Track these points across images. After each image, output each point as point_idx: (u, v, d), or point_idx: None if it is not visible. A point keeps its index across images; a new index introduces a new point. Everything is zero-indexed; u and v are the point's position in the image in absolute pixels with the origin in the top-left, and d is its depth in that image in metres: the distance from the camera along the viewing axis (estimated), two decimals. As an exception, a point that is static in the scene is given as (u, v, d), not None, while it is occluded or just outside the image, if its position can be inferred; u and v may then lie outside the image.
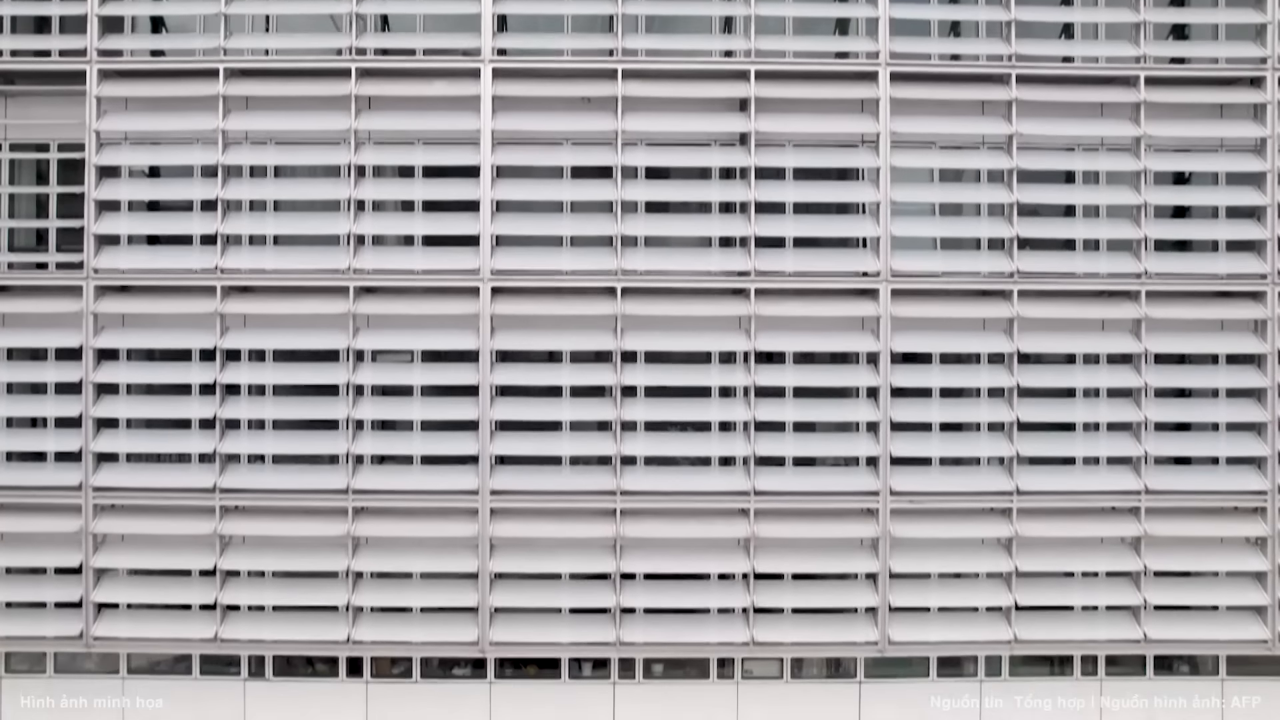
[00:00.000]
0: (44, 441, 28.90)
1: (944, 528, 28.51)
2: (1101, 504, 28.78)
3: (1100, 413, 29.06)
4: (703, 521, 28.58)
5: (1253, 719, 30.20)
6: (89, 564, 28.06)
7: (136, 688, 29.71)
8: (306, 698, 29.81)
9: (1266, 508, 28.55)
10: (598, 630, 28.50)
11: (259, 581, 29.01)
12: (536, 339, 28.50)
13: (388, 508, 28.50)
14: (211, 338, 28.12)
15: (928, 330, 28.55)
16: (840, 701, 29.98)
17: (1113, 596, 29.00)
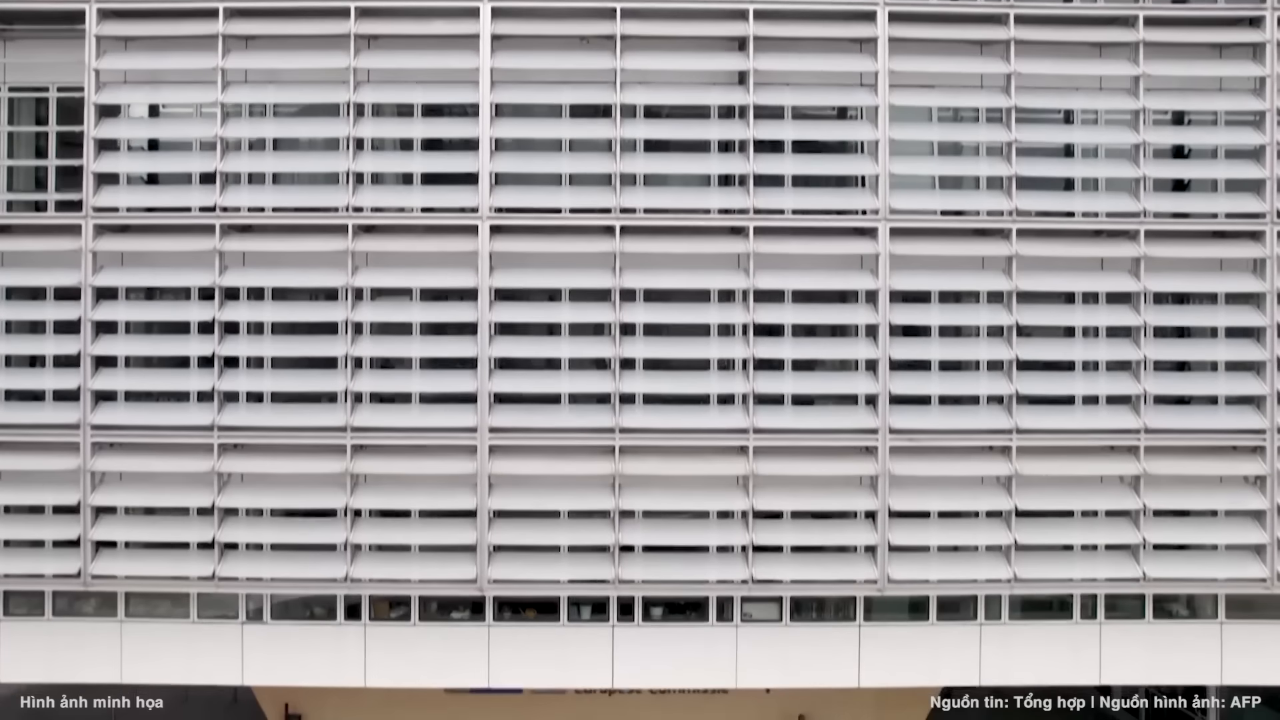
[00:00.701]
0: (42, 380, 28.85)
1: (943, 466, 28.44)
2: (1101, 443, 28.72)
3: (1099, 352, 29.06)
4: (701, 459, 28.54)
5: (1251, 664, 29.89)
6: (87, 502, 27.99)
7: (134, 631, 29.29)
8: (304, 641, 29.74)
9: (1265, 446, 28.44)
10: (596, 568, 28.34)
11: (257, 520, 28.93)
12: (535, 277, 28.46)
13: (386, 445, 28.48)
14: (210, 276, 28.08)
15: (926, 269, 28.57)
16: (840, 644, 29.66)
17: (1112, 536, 28.97)
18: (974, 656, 29.58)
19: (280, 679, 29.67)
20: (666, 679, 29.88)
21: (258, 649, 29.39)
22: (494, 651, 29.26)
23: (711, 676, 29.74)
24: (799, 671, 29.82)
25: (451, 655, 29.53)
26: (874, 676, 29.66)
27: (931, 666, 29.84)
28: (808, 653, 29.63)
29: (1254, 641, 29.83)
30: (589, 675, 29.66)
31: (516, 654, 29.43)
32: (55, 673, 29.62)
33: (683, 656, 29.72)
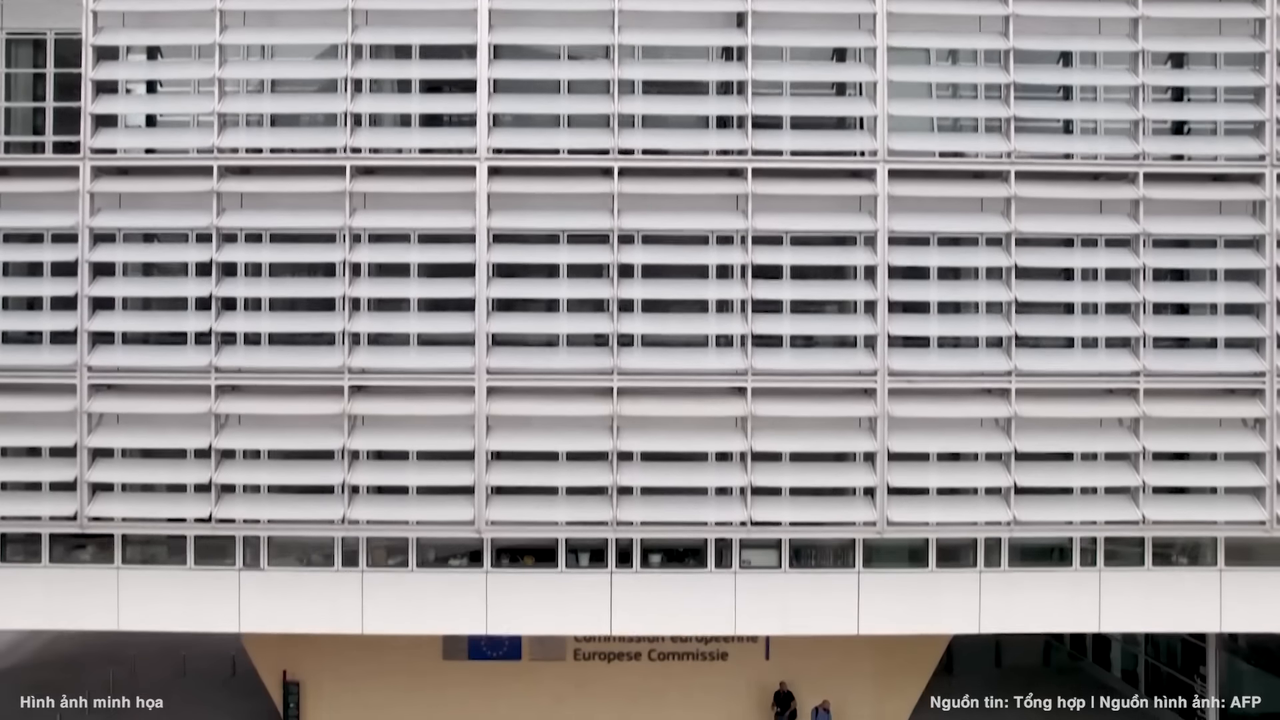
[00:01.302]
0: (39, 322, 28.80)
1: (942, 408, 28.40)
2: (1100, 385, 28.63)
3: (1098, 294, 28.91)
4: (700, 401, 28.47)
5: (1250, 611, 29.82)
6: (84, 444, 27.94)
7: (131, 577, 29.22)
8: (301, 588, 29.68)
9: (1264, 389, 28.33)
10: (594, 510, 28.22)
11: (254, 462, 28.86)
12: (534, 219, 28.32)
13: (384, 387, 28.44)
14: (208, 218, 28.01)
15: (925, 211, 28.46)
16: (839, 591, 29.58)
17: (1112, 478, 28.85)
18: (973, 604, 29.52)
19: (277, 626, 29.57)
20: (664, 626, 29.82)
21: (255, 596, 29.34)
22: (492, 598, 29.19)
23: (710, 623, 29.75)
24: (798, 619, 29.79)
25: (449, 602, 29.46)
26: (873, 624, 29.66)
27: (931, 614, 29.84)
28: (807, 599, 29.56)
29: (1253, 589, 29.83)
30: (587, 622, 29.65)
31: (514, 600, 29.39)
32: (52, 620, 29.61)
33: (681, 603, 29.67)
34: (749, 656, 40.57)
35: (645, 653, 40.20)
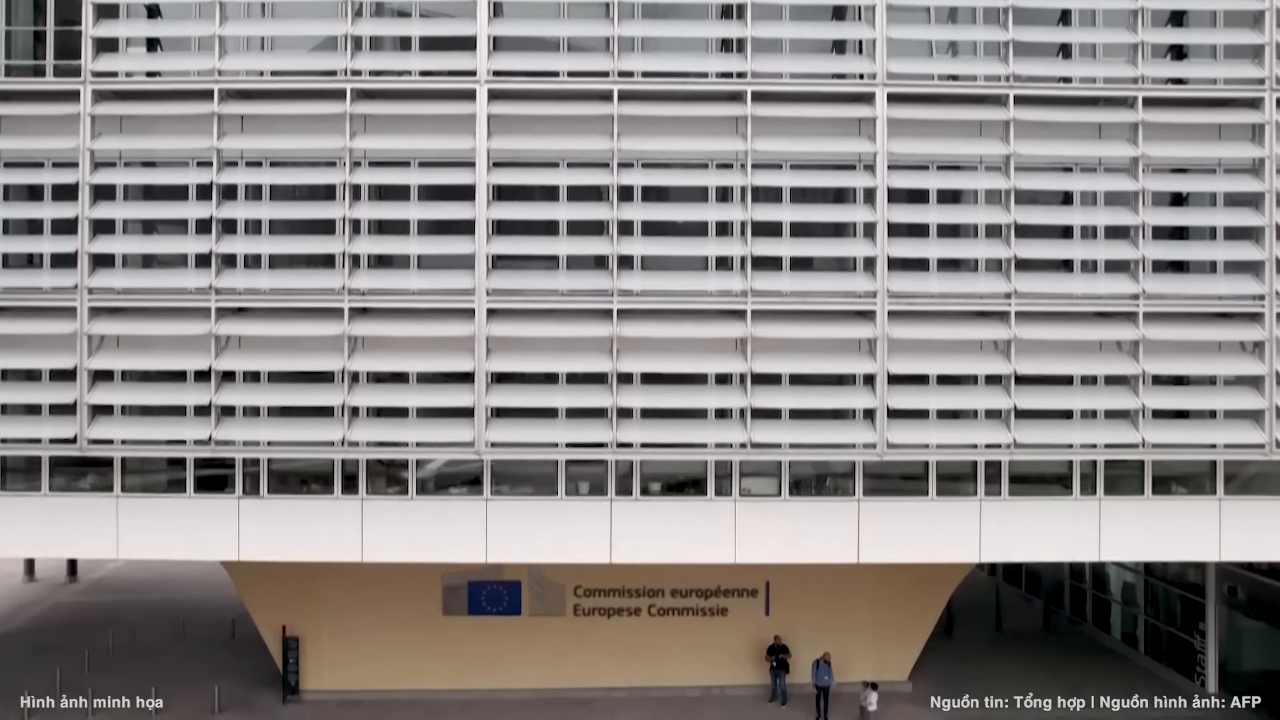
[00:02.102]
0: (40, 245, 28.72)
1: (941, 330, 28.47)
2: (1099, 308, 28.60)
3: (1098, 218, 28.91)
4: (699, 323, 28.49)
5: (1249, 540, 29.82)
6: (84, 366, 27.89)
7: (130, 506, 29.21)
8: (301, 515, 29.70)
9: (1264, 312, 28.29)
10: (594, 432, 28.16)
11: (254, 385, 28.82)
12: (534, 141, 28.38)
13: (384, 309, 28.41)
14: (209, 141, 28.02)
15: (924, 135, 28.45)
16: (839, 519, 29.56)
17: (1111, 402, 28.81)
18: (973, 532, 29.52)
19: (276, 554, 29.56)
20: (665, 554, 29.63)
21: (254, 524, 29.38)
22: (492, 526, 29.21)
23: (710, 551, 29.65)
24: (798, 547, 29.79)
25: (449, 530, 29.50)
26: (873, 552, 29.64)
27: (930, 542, 29.82)
28: (807, 527, 29.62)
29: (1252, 518, 29.87)
30: (587, 550, 29.51)
31: (514, 529, 29.39)
32: (52, 548, 29.69)
33: (681, 532, 29.67)
34: (749, 612, 40.70)
35: (645, 608, 40.32)
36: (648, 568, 39.13)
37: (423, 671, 40.61)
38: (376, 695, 39.97)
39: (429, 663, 40.61)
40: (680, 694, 40.49)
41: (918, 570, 38.66)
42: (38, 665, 42.07)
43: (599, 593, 41.01)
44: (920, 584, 39.82)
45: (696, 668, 41.20)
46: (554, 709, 39.37)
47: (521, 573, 40.35)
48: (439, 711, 38.95)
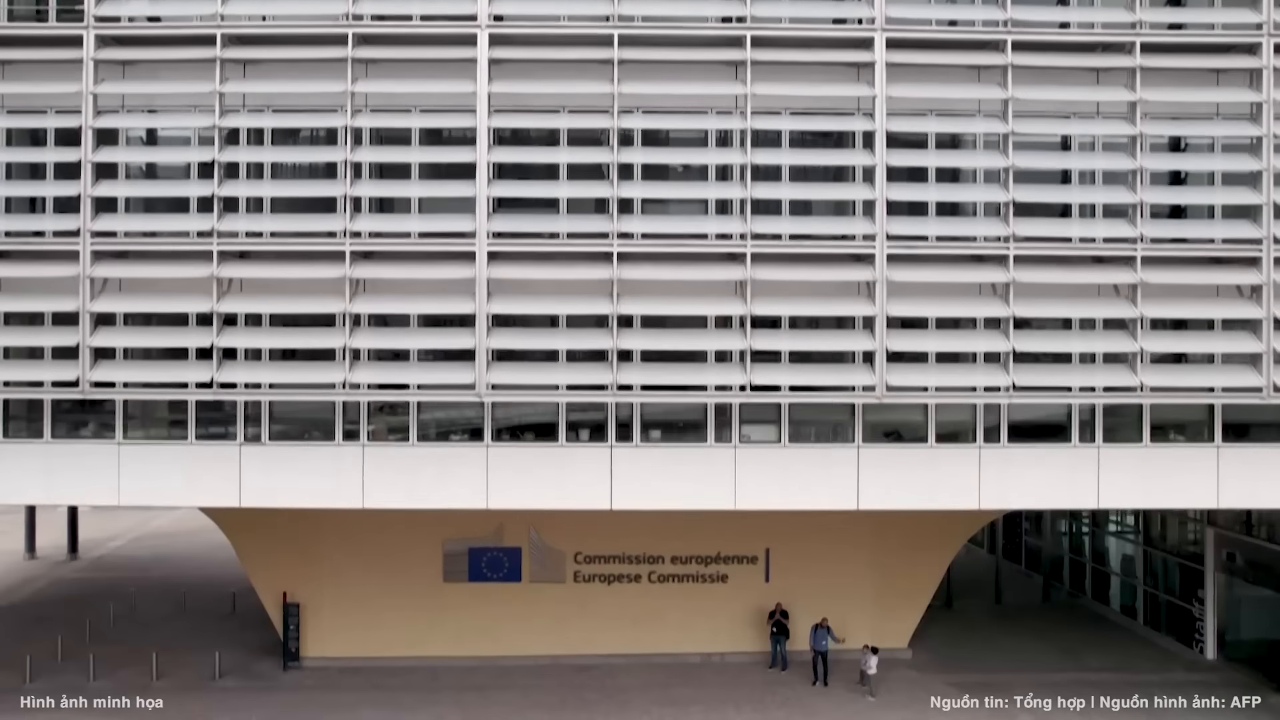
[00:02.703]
0: (43, 189, 28.86)
1: (941, 273, 28.42)
2: (1097, 252, 28.65)
3: (1096, 163, 29.03)
4: (699, 266, 28.50)
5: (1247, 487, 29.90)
6: (86, 309, 27.88)
7: (131, 453, 29.27)
8: (302, 462, 29.74)
9: (1261, 257, 28.30)
10: (595, 374, 28.22)
11: (257, 328, 28.92)
12: (535, 86, 28.46)
13: (386, 251, 28.44)
14: (211, 86, 28.05)
15: (923, 80, 28.66)
16: (839, 466, 29.64)
17: (1109, 345, 28.82)
18: (972, 479, 29.59)
19: (277, 501, 29.59)
20: (665, 500, 29.65)
21: (255, 470, 29.45)
22: (492, 473, 29.26)
23: (710, 497, 29.65)
24: (798, 493, 29.81)
25: (450, 477, 29.57)
26: (872, 498, 29.68)
27: (930, 490, 29.87)
28: (807, 473, 29.67)
29: (1249, 465, 29.96)
30: (587, 496, 29.52)
31: (515, 476, 29.47)
32: (53, 495, 29.66)
33: (681, 478, 29.69)
34: (749, 579, 40.81)
35: (645, 575, 40.42)
36: (648, 534, 39.39)
37: (423, 638, 40.69)
38: (377, 662, 40.06)
39: (429, 630, 40.69)
40: (680, 660, 40.58)
41: (917, 537, 38.88)
42: (39, 635, 42.11)
43: (599, 559, 41.10)
44: (919, 552, 39.96)
45: (696, 634, 41.27)
46: (554, 675, 39.37)
47: (522, 539, 40.45)
48: (438, 678, 39.03)
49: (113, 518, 72.44)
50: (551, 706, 36.71)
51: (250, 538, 40.66)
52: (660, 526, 40.09)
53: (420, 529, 40.00)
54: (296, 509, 37.34)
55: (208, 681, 39.07)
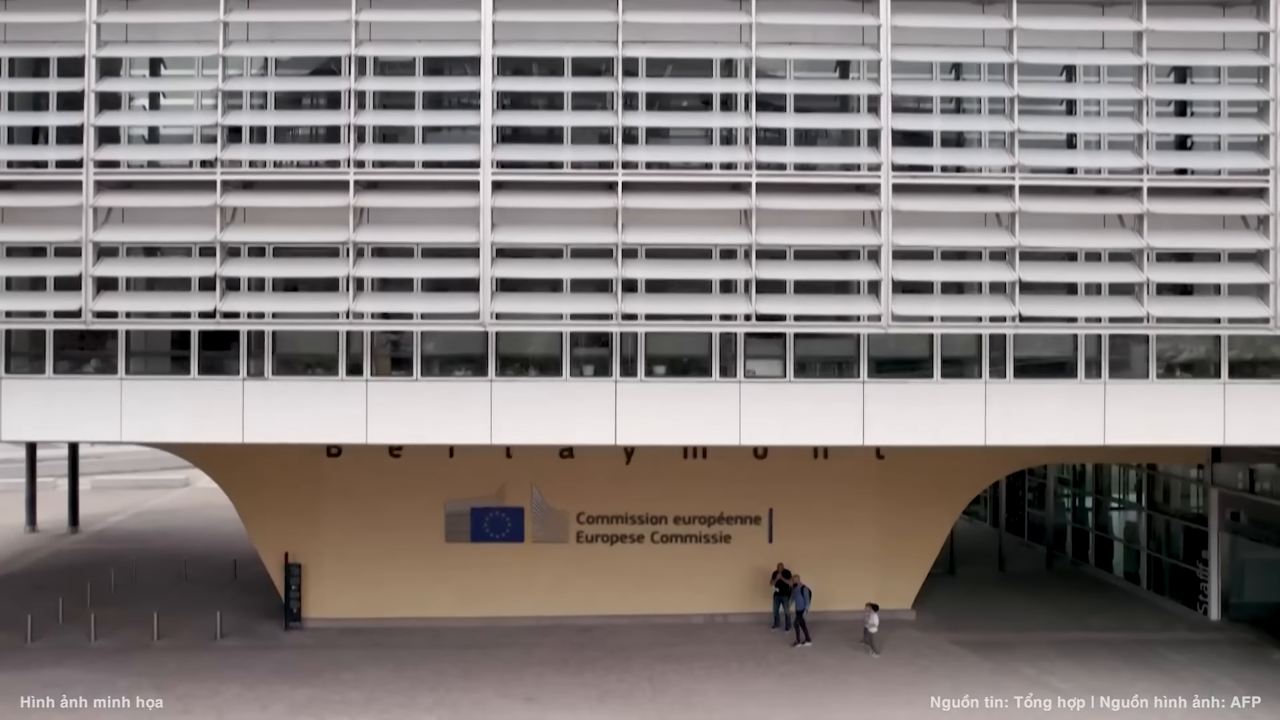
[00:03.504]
0: (46, 119, 28.82)
1: (946, 202, 28.32)
2: (1103, 183, 28.55)
3: (1101, 93, 28.97)
4: (704, 196, 28.43)
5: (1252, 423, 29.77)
6: (89, 239, 27.72)
7: (134, 389, 29.14)
8: (305, 398, 29.63)
9: (1268, 187, 28.17)
10: (599, 303, 28.13)
11: (260, 259, 28.90)
12: (538, 14, 28.38)
13: (390, 181, 28.29)
14: (214, 14, 28.09)
15: (928, 11, 28.60)
16: (843, 401, 29.53)
17: (1116, 275, 28.75)
18: (978, 416, 29.47)
19: (281, 436, 29.41)
20: (669, 436, 29.59)
21: (258, 406, 29.27)
22: (496, 408, 29.11)
23: (714, 433, 29.59)
24: (802, 429, 29.74)
25: (454, 413, 29.44)
26: (877, 434, 29.55)
27: (934, 426, 29.83)
28: (811, 409, 29.54)
29: (1255, 401, 29.84)
30: (591, 432, 29.43)
31: (519, 411, 29.30)
32: (55, 431, 29.43)
33: (685, 414, 29.55)
34: (752, 539, 40.71)
35: (648, 535, 40.40)
36: (651, 494, 39.38)
37: (425, 599, 40.64)
38: (379, 623, 39.97)
39: (432, 590, 40.64)
40: (684, 621, 40.56)
41: (921, 497, 38.82)
42: (39, 601, 41.98)
43: (602, 519, 41.09)
44: (923, 511, 39.93)
45: (699, 595, 41.22)
46: (556, 635, 39.35)
47: (525, 500, 40.44)
48: (440, 638, 38.96)
49: (113, 495, 72.63)
50: (554, 663, 36.64)
51: (252, 498, 40.60)
52: (663, 487, 40.20)
53: (422, 489, 40.01)
54: (299, 470, 37.54)
55: (209, 641, 39.01)
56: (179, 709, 32.63)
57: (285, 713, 32.51)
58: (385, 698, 33.61)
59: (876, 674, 36.22)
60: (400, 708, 32.79)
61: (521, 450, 39.93)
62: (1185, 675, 36.06)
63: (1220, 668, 36.78)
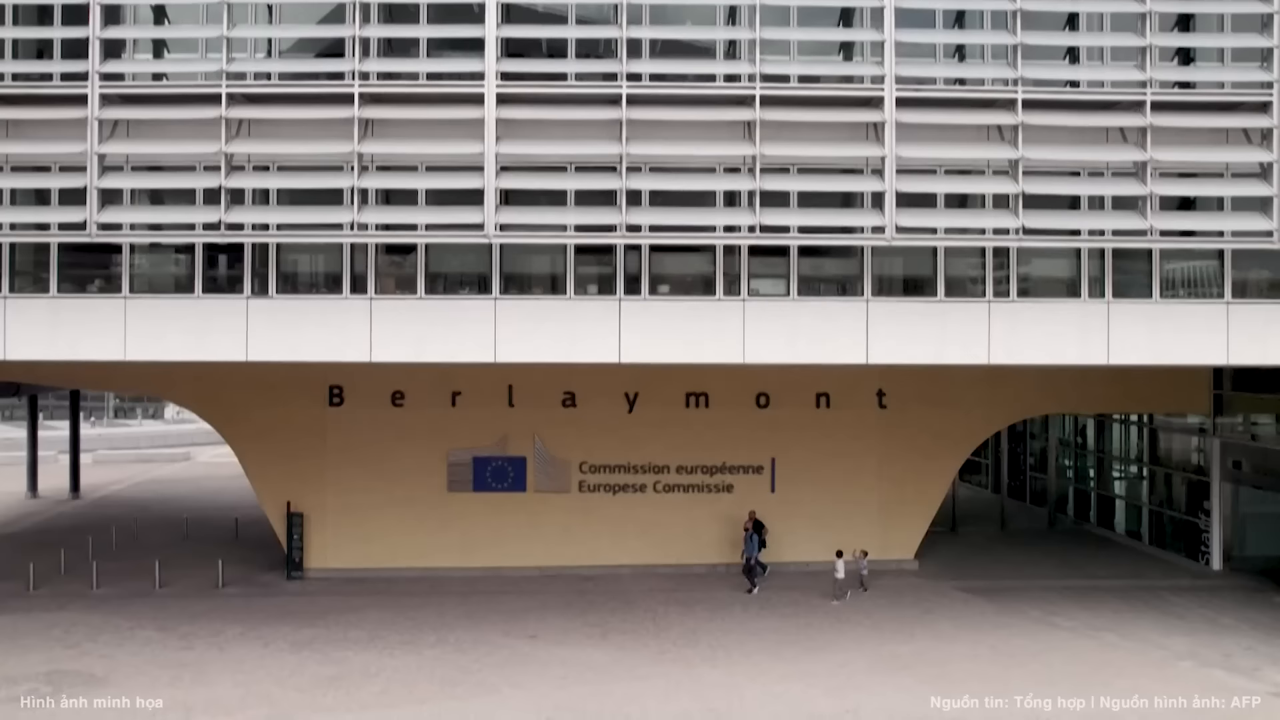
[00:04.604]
0: (51, 31, 28.79)
1: (950, 115, 28.33)
2: (1106, 96, 28.56)
3: (1104, 5, 28.95)
4: (708, 109, 28.40)
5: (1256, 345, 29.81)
6: (94, 151, 27.66)
7: (138, 307, 29.13)
8: (310, 315, 29.61)
9: (1272, 101, 28.15)
10: (603, 214, 28.13)
11: (265, 172, 28.91)
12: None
13: (395, 94, 28.25)
14: (216, -67, 27.87)
15: (930, -79, 28.44)
16: (847, 319, 29.52)
17: (1119, 189, 28.74)
18: (981, 335, 29.48)
19: (284, 354, 29.35)
20: (673, 354, 29.47)
21: (262, 325, 29.24)
22: (500, 326, 29.11)
23: (718, 351, 29.49)
24: (806, 348, 29.64)
25: (458, 331, 29.39)
26: (881, 352, 29.45)
27: (938, 345, 29.80)
28: (815, 327, 29.53)
29: (1259, 323, 29.77)
30: (595, 350, 29.33)
31: (523, 329, 29.28)
32: (59, 350, 29.26)
33: (689, 332, 29.50)
34: (754, 489, 40.68)
35: (651, 485, 40.45)
36: (654, 443, 39.37)
37: (427, 549, 40.68)
38: (381, 573, 39.89)
39: (434, 541, 40.71)
40: (686, 571, 40.64)
41: (923, 447, 38.91)
42: (42, 556, 41.99)
43: (604, 469, 41.16)
44: (925, 462, 40.02)
45: (702, 545, 41.34)
46: (559, 583, 39.32)
47: (527, 449, 40.40)
48: (443, 586, 39.00)
49: (115, 468, 72.80)
50: (557, 606, 36.73)
51: (255, 449, 40.63)
52: (665, 436, 40.40)
53: (425, 439, 40.11)
54: (301, 421, 37.61)
55: (211, 590, 39.11)
56: (180, 645, 32.58)
57: (287, 649, 32.43)
58: (388, 635, 33.60)
59: (880, 615, 36.35)
60: (402, 645, 32.76)
61: (524, 399, 40.10)
62: (1188, 615, 36.17)
63: (1222, 609, 36.89)
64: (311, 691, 28.94)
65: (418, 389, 40.75)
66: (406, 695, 28.85)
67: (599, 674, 30.57)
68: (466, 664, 31.38)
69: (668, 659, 31.89)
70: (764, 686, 29.48)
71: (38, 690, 28.77)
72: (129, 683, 29.50)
